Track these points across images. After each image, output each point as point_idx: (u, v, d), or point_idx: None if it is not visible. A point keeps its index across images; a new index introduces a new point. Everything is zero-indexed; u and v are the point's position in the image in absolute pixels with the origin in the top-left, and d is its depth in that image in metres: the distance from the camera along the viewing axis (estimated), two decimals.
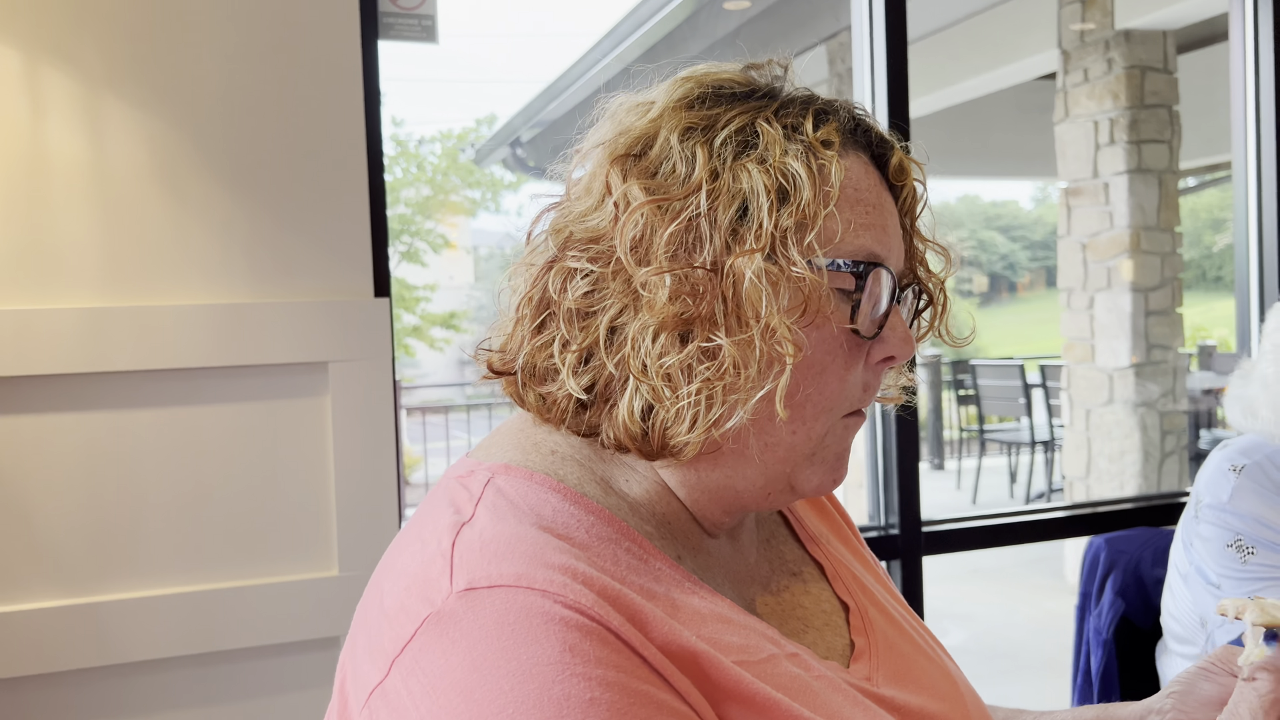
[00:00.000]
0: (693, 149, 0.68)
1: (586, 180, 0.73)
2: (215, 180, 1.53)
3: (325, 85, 1.57)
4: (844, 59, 5.46)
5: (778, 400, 0.66)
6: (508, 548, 0.61)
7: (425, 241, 13.02)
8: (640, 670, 0.59)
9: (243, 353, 1.53)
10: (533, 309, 0.71)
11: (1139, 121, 4.94)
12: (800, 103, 0.72)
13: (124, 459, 1.50)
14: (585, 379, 0.69)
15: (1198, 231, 16.01)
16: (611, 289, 0.68)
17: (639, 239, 0.67)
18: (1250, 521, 1.41)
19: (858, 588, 0.82)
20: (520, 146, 8.30)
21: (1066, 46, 5.22)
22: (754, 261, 0.65)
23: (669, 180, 0.68)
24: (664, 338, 0.66)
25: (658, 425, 0.67)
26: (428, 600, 0.60)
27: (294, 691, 1.58)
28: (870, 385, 0.73)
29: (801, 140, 0.69)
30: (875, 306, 0.70)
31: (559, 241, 0.71)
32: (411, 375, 15.81)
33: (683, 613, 0.65)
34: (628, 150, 0.70)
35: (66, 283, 1.48)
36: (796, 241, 0.66)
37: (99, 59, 1.48)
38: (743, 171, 0.67)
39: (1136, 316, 4.98)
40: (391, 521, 1.61)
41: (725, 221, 0.67)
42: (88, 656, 1.47)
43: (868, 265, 0.69)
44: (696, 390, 0.66)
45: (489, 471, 0.70)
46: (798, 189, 0.67)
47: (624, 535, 0.68)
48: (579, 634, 0.58)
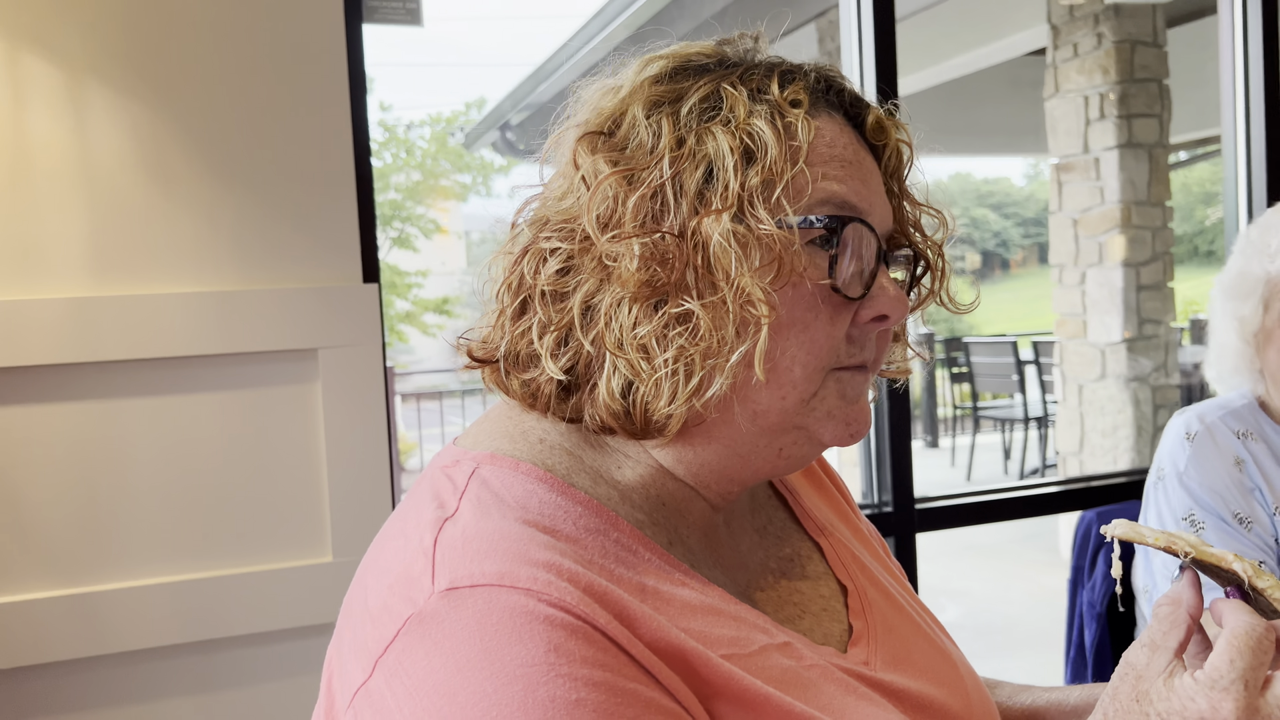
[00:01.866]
0: (659, 121, 0.68)
1: (563, 165, 0.72)
2: (201, 167, 1.52)
3: (310, 70, 1.56)
4: (833, 37, 5.43)
5: (756, 361, 0.64)
6: (490, 545, 0.60)
7: (416, 227, 12.97)
8: (627, 668, 0.58)
9: (232, 340, 1.52)
10: (511, 295, 0.70)
11: (1129, 96, 4.94)
12: (766, 66, 0.71)
13: (114, 449, 1.50)
14: (565, 361, 0.68)
15: (1189, 206, 16.02)
16: (583, 266, 0.67)
17: (608, 213, 0.66)
18: (1202, 493, 1.42)
19: (857, 568, 0.81)
20: (510, 130, 8.28)
21: (1056, 21, 5.20)
22: (721, 222, 0.64)
23: (637, 153, 0.68)
24: (636, 309, 0.65)
25: (639, 401, 0.66)
26: (410, 600, 0.59)
27: (289, 678, 1.58)
28: (860, 342, 0.71)
29: (768, 101, 0.68)
30: (858, 263, 0.69)
31: (536, 226, 0.71)
32: (405, 361, 15.80)
33: (672, 606, 0.64)
34: (597, 129, 0.70)
35: (52, 273, 1.47)
36: (764, 200, 0.65)
37: (81, 46, 1.47)
38: (708, 135, 0.66)
39: (1128, 291, 4.98)
40: (385, 507, 1.61)
41: (692, 186, 0.66)
42: (81, 646, 1.47)
43: (842, 220, 0.68)
44: (674, 359, 0.64)
45: (474, 461, 0.69)
46: (763, 147, 0.66)
47: (612, 526, 0.67)
48: (564, 633, 0.56)
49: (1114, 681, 0.65)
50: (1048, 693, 0.91)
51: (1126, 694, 0.63)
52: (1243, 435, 1.46)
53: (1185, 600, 0.65)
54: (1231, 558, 0.65)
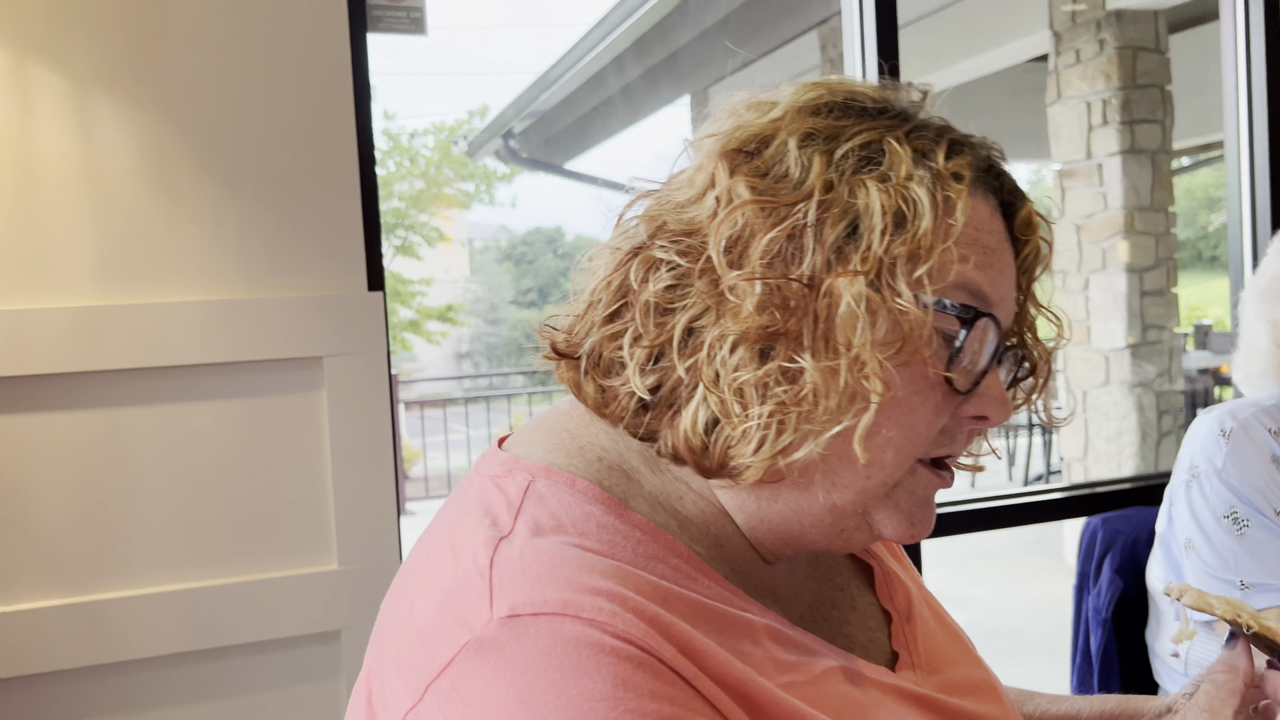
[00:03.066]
0: (810, 156, 0.64)
1: (691, 171, 0.68)
2: (206, 176, 1.53)
3: (314, 78, 1.57)
4: (835, 44, 5.44)
5: (857, 440, 0.61)
6: (551, 570, 0.58)
7: (420, 235, 13.00)
8: (694, 702, 0.56)
9: (237, 349, 1.52)
10: (609, 295, 0.67)
11: (1131, 102, 4.94)
12: (935, 130, 0.67)
13: (120, 457, 1.50)
14: (651, 379, 0.65)
15: (1192, 211, 16.01)
16: (696, 288, 0.63)
17: (735, 239, 0.63)
18: (1244, 489, 1.42)
19: (900, 592, 0.80)
20: (513, 138, 8.29)
21: (1058, 28, 5.21)
22: (855, 284, 0.60)
23: (779, 184, 0.63)
24: (743, 350, 0.61)
25: (720, 441, 0.63)
26: (465, 624, 0.56)
27: (295, 686, 1.58)
28: (952, 435, 0.68)
29: (930, 168, 0.64)
30: (975, 359, 0.65)
31: (650, 229, 0.66)
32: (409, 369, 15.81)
33: (734, 631, 0.62)
34: (740, 146, 0.65)
35: (58, 282, 1.47)
36: (906, 272, 0.61)
37: (87, 56, 1.47)
38: (860, 188, 0.62)
39: (1132, 297, 4.98)
40: (390, 514, 1.61)
41: (831, 237, 0.62)
42: (87, 655, 1.47)
43: (977, 312, 0.64)
44: (769, 413, 0.61)
45: (528, 474, 0.66)
46: (917, 216, 0.62)
47: (672, 552, 0.64)
48: (630, 666, 0.54)
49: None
50: (1053, 703, 0.91)
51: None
52: (1276, 433, 1.46)
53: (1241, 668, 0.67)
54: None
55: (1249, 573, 1.38)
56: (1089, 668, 1.74)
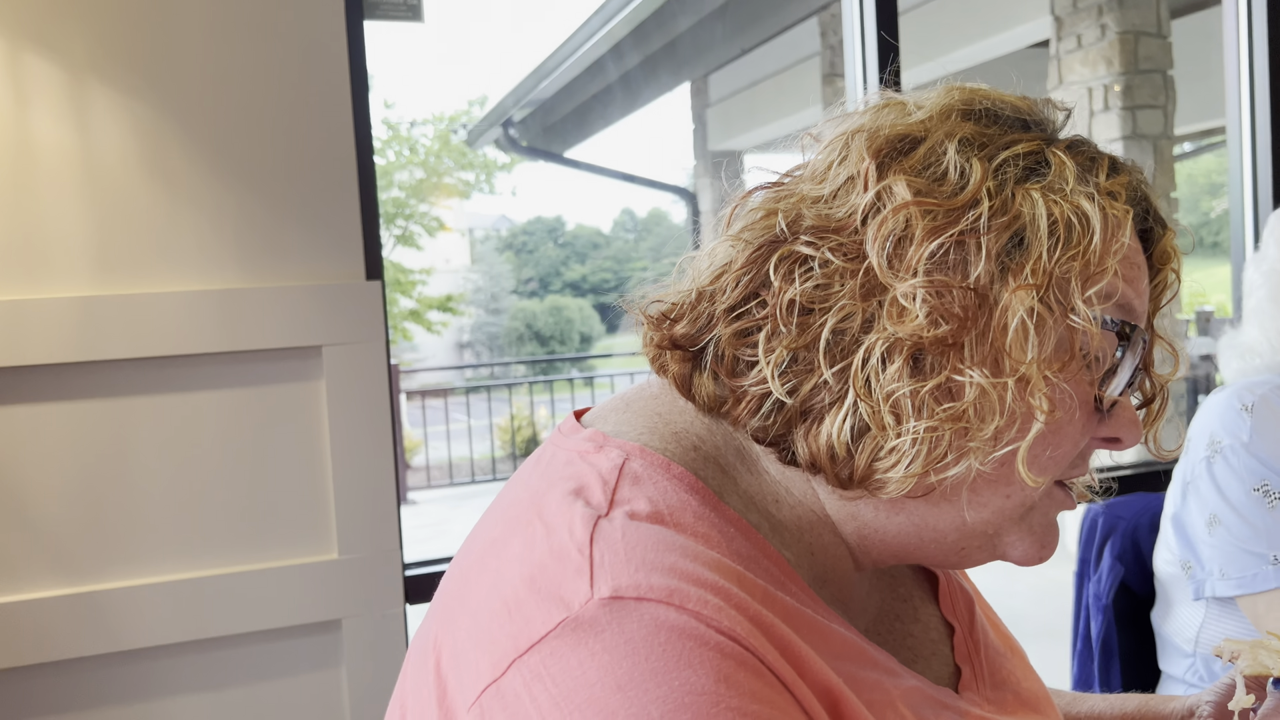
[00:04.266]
0: (969, 159, 0.61)
1: (825, 164, 0.65)
2: (203, 166, 1.52)
3: (311, 66, 1.56)
4: (835, 31, 5.42)
5: (1020, 460, 0.59)
6: (656, 555, 0.55)
7: (420, 225, 12.99)
8: (791, 708, 0.54)
9: (236, 338, 1.52)
10: (738, 289, 0.63)
11: (1133, 87, 4.92)
12: (1093, 148, 0.65)
13: (120, 447, 1.50)
14: (788, 382, 0.61)
15: (1195, 197, 15.98)
16: (845, 289, 0.60)
17: (894, 242, 0.60)
18: (1274, 460, 1.41)
19: (963, 602, 0.79)
20: (512, 126, 8.28)
21: (1059, 13, 5.19)
22: (1028, 299, 0.58)
23: (936, 186, 0.61)
24: (899, 359, 0.59)
25: (866, 453, 0.60)
26: (562, 601, 0.54)
27: (297, 675, 1.58)
28: (1085, 456, 0.67)
29: (1093, 184, 0.62)
30: (1122, 377, 0.64)
31: (787, 222, 0.63)
32: (410, 359, 15.82)
33: (824, 643, 0.60)
34: (889, 143, 0.63)
35: (56, 272, 1.47)
36: (1079, 288, 0.59)
37: (82, 45, 1.47)
38: (1025, 197, 0.60)
39: None
40: (390, 504, 1.61)
41: (997, 247, 0.60)
42: (88, 645, 1.48)
43: (1135, 329, 0.63)
44: (926, 428, 0.58)
45: (621, 452, 0.63)
46: (1089, 231, 0.60)
47: (763, 554, 0.62)
48: (734, 664, 0.52)
49: None
50: (1074, 702, 0.90)
51: None
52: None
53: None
54: None
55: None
56: (1089, 654, 1.75)
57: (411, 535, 1.69)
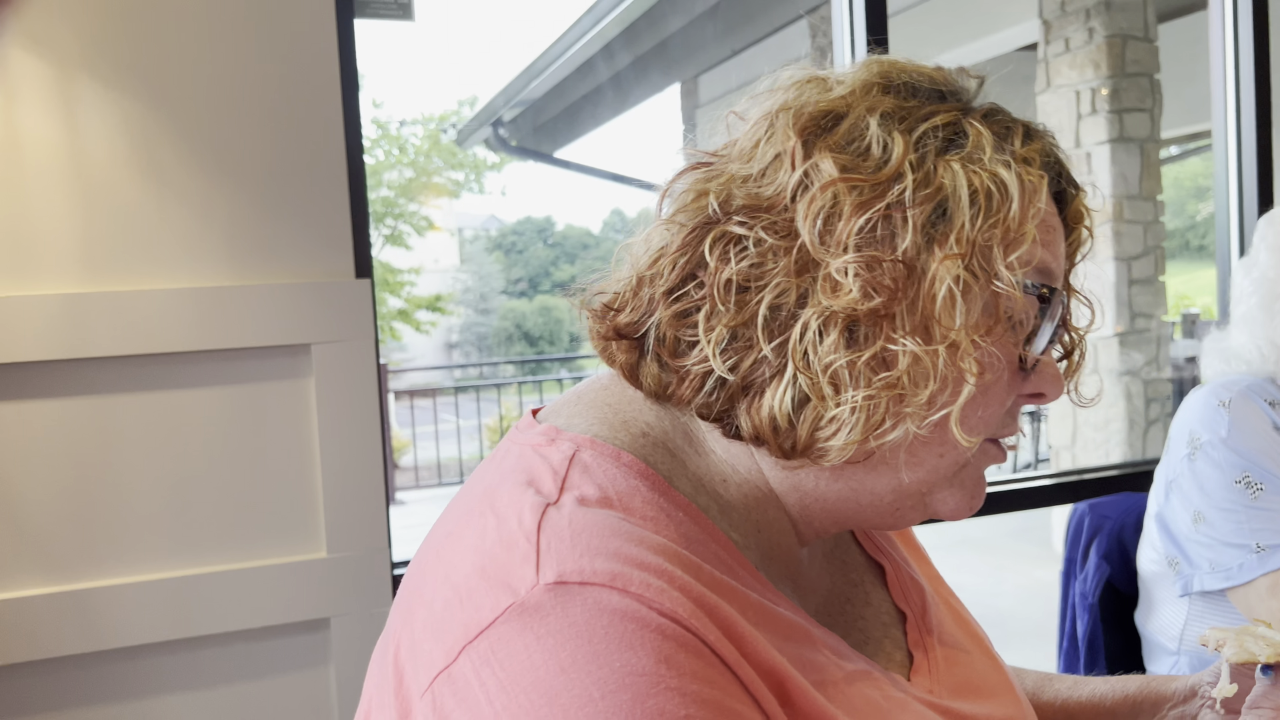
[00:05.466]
0: (890, 134, 0.63)
1: (750, 143, 0.67)
2: (192, 163, 1.52)
3: (301, 64, 1.56)
4: (825, 32, 5.43)
5: (954, 421, 0.62)
6: (601, 541, 0.57)
7: (409, 224, 12.96)
8: (733, 688, 0.55)
9: (224, 336, 1.52)
10: (675, 272, 0.65)
11: (1120, 91, 4.95)
12: (1008, 115, 0.67)
13: (107, 445, 1.49)
14: (729, 359, 0.63)
15: (1180, 200, 16.06)
16: (780, 266, 0.62)
17: (824, 218, 0.61)
18: (1253, 454, 1.42)
19: (915, 591, 0.80)
20: (502, 126, 8.27)
21: (1047, 16, 5.21)
22: (954, 267, 0.60)
23: (860, 161, 0.63)
24: (835, 331, 0.61)
25: (808, 423, 0.62)
26: (509, 587, 0.56)
27: (284, 674, 1.58)
28: (1013, 414, 0.69)
29: (1009, 151, 0.64)
30: (1043, 337, 0.66)
31: (719, 202, 0.64)
32: (399, 359, 15.78)
33: (773, 623, 0.62)
34: (814, 120, 0.64)
35: (44, 269, 1.46)
36: (1001, 254, 0.62)
37: (71, 40, 1.46)
38: (946, 169, 0.62)
39: (1120, 285, 5.00)
40: (379, 503, 1.61)
41: (922, 218, 0.61)
42: (75, 643, 1.47)
43: (1054, 291, 0.66)
44: (865, 396, 0.60)
45: (572, 444, 0.65)
46: (1007, 198, 0.62)
47: (711, 537, 0.63)
48: (674, 645, 0.54)
49: None
50: (1075, 687, 0.91)
51: None
52: (1271, 404, 1.47)
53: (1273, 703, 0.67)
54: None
55: (1264, 535, 1.39)
56: (1075, 653, 1.76)
57: (400, 535, 1.69)
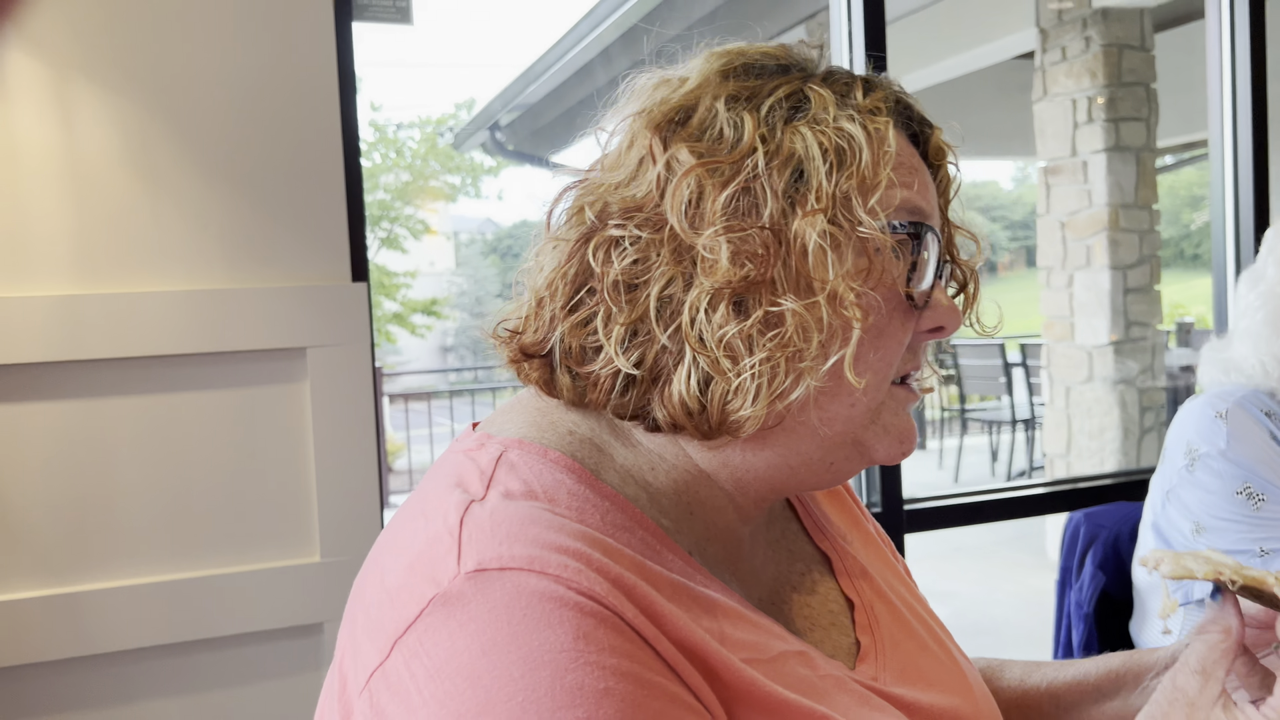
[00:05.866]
0: (739, 114, 0.66)
1: (618, 152, 0.70)
2: (189, 165, 1.51)
3: (299, 66, 1.56)
4: (823, 39, 5.43)
5: (847, 368, 0.64)
6: (520, 529, 0.59)
7: (405, 228, 12.94)
8: (653, 662, 0.57)
9: (220, 339, 1.51)
10: (567, 285, 0.68)
11: (1117, 100, 4.96)
12: (846, 73, 0.71)
13: (101, 448, 1.49)
14: (632, 356, 0.66)
15: (1175, 209, 16.11)
16: (660, 257, 0.65)
17: (689, 203, 0.65)
18: (1253, 465, 1.42)
19: (865, 582, 0.81)
20: (499, 130, 8.26)
21: (1044, 25, 5.23)
22: (818, 223, 0.63)
23: (716, 145, 0.66)
24: (723, 306, 0.63)
25: (717, 400, 0.65)
26: (433, 580, 0.58)
27: (277, 678, 1.57)
28: (915, 351, 0.72)
29: (852, 106, 0.67)
30: (925, 273, 0.69)
31: (595, 213, 0.68)
32: (394, 362, 15.76)
33: (697, 605, 0.63)
34: (667, 117, 0.68)
35: (39, 270, 1.46)
36: (860, 202, 0.65)
37: (67, 42, 1.46)
38: (795, 135, 0.66)
39: (1115, 294, 5.01)
40: (373, 507, 1.60)
41: (780, 184, 0.65)
42: (66, 647, 1.46)
43: (922, 226, 0.68)
44: (761, 360, 0.63)
45: (500, 446, 0.67)
46: (856, 150, 0.65)
47: (637, 523, 0.66)
48: (593, 621, 0.56)
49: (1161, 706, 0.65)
50: (1060, 669, 0.91)
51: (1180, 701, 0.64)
52: (1268, 414, 1.47)
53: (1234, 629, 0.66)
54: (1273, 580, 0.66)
55: (1269, 542, 1.39)
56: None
57: None
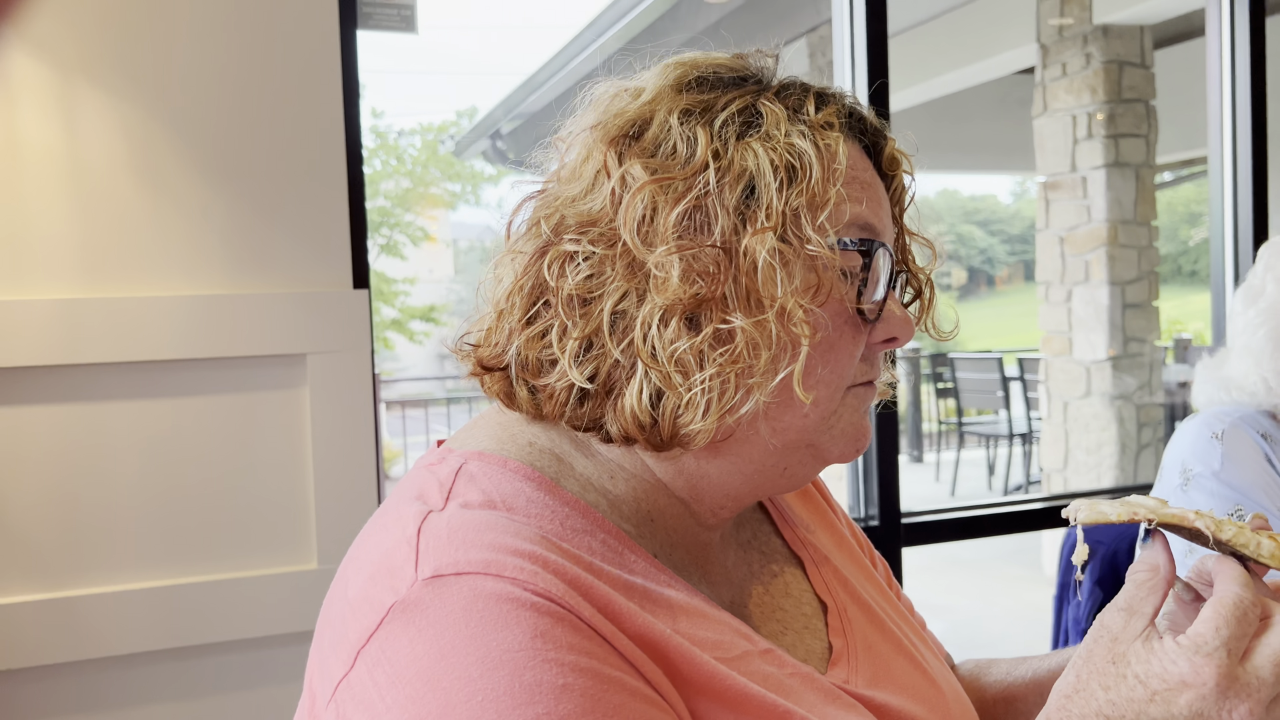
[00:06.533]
0: (693, 129, 0.67)
1: (575, 164, 0.71)
2: (192, 170, 1.51)
3: (303, 73, 1.56)
4: (825, 52, 5.46)
5: (796, 383, 0.65)
6: (476, 535, 0.60)
7: (405, 234, 12.96)
8: (611, 658, 0.58)
9: (220, 344, 1.51)
10: (524, 298, 0.68)
11: (1116, 116, 4.98)
12: (799, 87, 0.71)
13: (99, 452, 1.48)
14: (587, 368, 0.67)
15: (1174, 226, 16.15)
16: (614, 272, 0.66)
17: (643, 220, 0.65)
18: (1247, 487, 1.41)
19: (838, 583, 0.81)
20: (500, 139, 8.27)
21: (1045, 41, 5.25)
22: (767, 241, 0.64)
23: (670, 161, 0.66)
24: (674, 322, 0.64)
25: (668, 413, 0.65)
26: (392, 589, 0.59)
27: (273, 686, 1.57)
28: (871, 361, 0.72)
29: (804, 121, 0.68)
30: (876, 287, 0.69)
31: (551, 226, 0.68)
32: (391, 369, 15.74)
33: (658, 606, 0.64)
34: (622, 131, 0.68)
35: (40, 273, 1.46)
36: (809, 220, 0.65)
37: (72, 45, 1.46)
38: (747, 151, 0.66)
39: (1114, 310, 5.01)
40: (371, 514, 1.60)
41: (732, 201, 0.65)
42: (62, 651, 1.46)
43: (873, 244, 0.69)
44: (710, 376, 0.64)
45: (460, 458, 0.68)
46: (806, 167, 0.66)
47: (599, 527, 0.67)
48: (549, 620, 0.56)
49: (1088, 643, 0.65)
50: (1045, 659, 0.92)
51: (1102, 656, 0.63)
52: (1264, 436, 1.46)
53: (1162, 566, 0.66)
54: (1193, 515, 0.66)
55: None
56: None
57: None
